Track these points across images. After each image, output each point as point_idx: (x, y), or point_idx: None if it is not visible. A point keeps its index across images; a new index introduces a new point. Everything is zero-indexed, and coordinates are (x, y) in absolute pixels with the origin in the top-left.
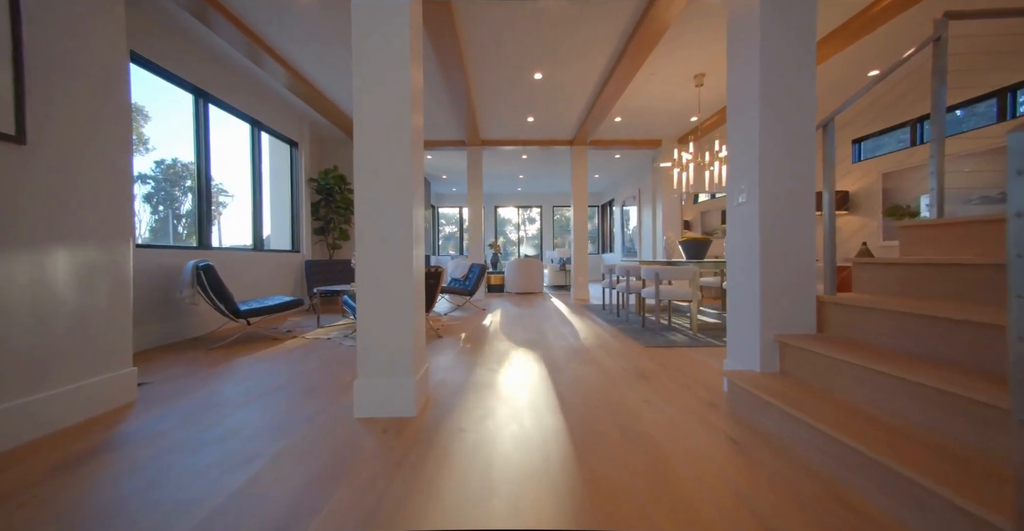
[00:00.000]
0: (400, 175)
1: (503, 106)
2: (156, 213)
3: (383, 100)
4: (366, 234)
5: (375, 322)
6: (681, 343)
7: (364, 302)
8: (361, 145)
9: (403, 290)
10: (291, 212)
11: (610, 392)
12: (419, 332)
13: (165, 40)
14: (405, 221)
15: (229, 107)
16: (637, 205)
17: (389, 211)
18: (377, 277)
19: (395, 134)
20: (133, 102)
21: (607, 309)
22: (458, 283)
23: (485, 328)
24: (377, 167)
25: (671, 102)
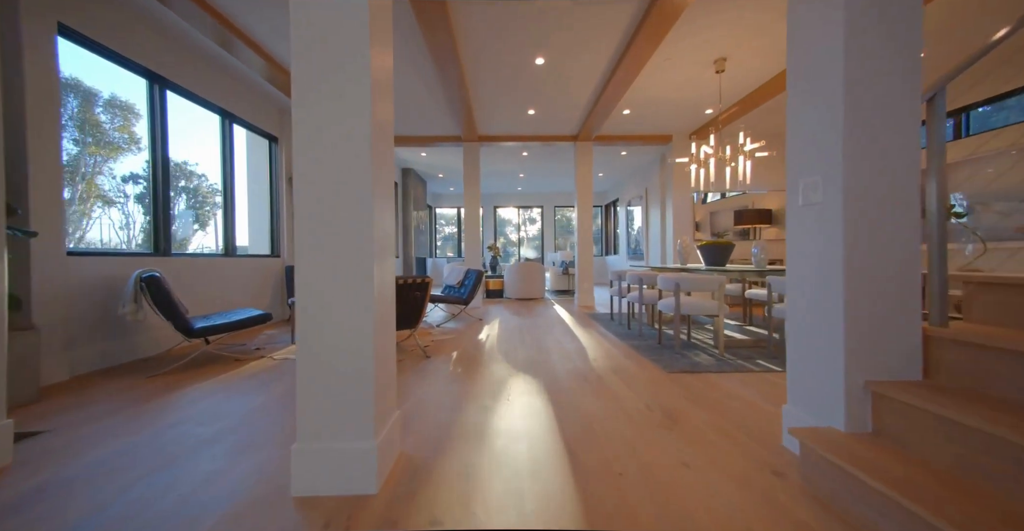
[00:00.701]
0: (357, 174)
1: (502, 97)
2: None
3: (335, 87)
4: (306, 249)
5: (319, 367)
6: (708, 366)
7: (304, 340)
8: (303, 140)
9: (359, 321)
10: (271, 213)
11: (635, 445)
12: (384, 375)
13: (107, 13)
14: (362, 230)
15: (193, 95)
16: (643, 205)
17: (341, 217)
18: (322, 304)
19: (349, 128)
20: (124, 99)
21: (616, 319)
22: (453, 291)
23: (480, 344)
24: (322, 162)
25: (686, 91)
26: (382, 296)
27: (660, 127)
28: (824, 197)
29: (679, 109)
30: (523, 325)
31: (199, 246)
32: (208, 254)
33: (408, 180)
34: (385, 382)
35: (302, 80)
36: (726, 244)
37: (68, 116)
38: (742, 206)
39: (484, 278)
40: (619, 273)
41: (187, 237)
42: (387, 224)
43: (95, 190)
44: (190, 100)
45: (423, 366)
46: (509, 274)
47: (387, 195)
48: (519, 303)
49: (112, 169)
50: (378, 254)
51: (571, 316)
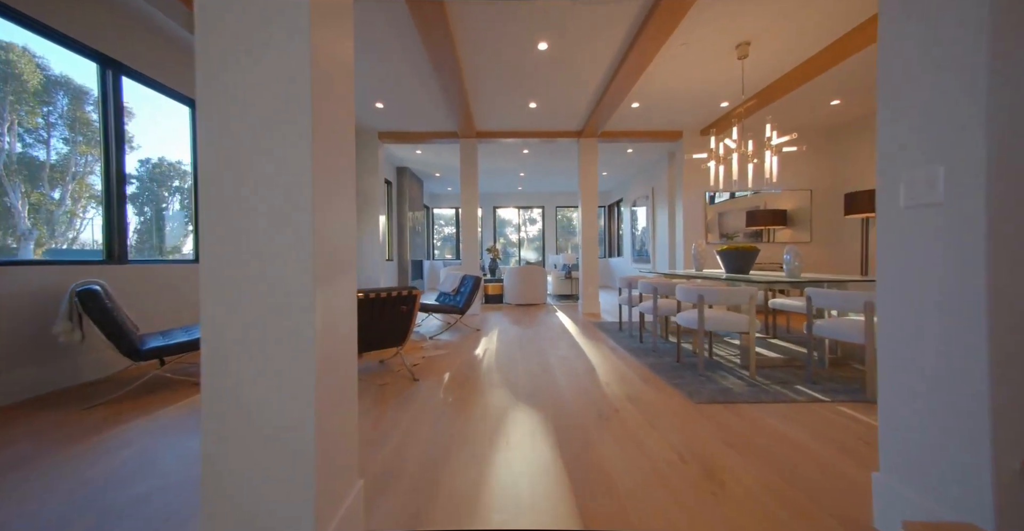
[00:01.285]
0: (288, 160)
1: (501, 88)
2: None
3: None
4: (211, 266)
5: (230, 431)
6: (741, 394)
7: (210, 389)
8: (207, 104)
9: (291, 365)
10: None
11: (674, 520)
12: (335, 438)
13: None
14: (296, 242)
15: (155, 83)
16: (650, 206)
17: (263, 224)
18: (236, 342)
19: (274, 71)
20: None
21: (625, 330)
22: (448, 299)
23: (476, 362)
24: (231, 137)
25: (701, 82)
26: (331, 328)
27: (670, 122)
28: (947, 196)
29: (692, 102)
30: (524, 337)
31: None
32: (174, 261)
33: (403, 179)
34: (337, 448)
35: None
36: (749, 249)
37: (58, 114)
38: (753, 206)
39: (482, 284)
40: (629, 280)
41: (178, 242)
42: (341, 230)
43: (86, 190)
44: (151, 88)
45: (410, 393)
46: (509, 278)
47: (342, 192)
48: (520, 310)
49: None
50: (323, 273)
51: (576, 326)
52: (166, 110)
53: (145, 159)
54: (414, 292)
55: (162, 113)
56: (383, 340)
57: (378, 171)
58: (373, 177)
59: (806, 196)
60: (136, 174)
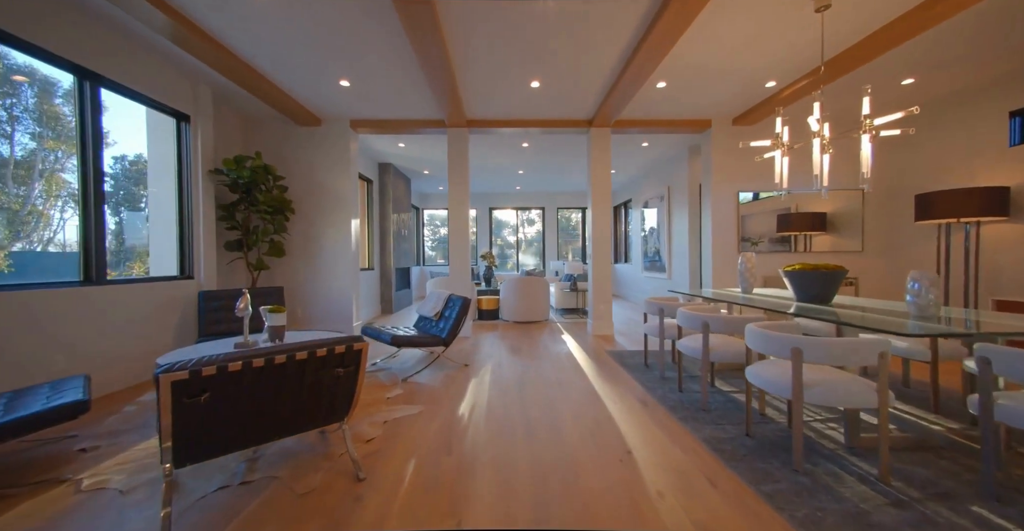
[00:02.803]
0: None
1: (496, 61)
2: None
3: None
4: None
5: None
6: (885, 523)
7: None
8: None
9: None
10: (179, 218)
11: None
12: None
13: None
14: None
15: (26, 44)
16: (665, 207)
17: None
18: None
19: None
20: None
21: (653, 366)
22: (428, 325)
23: (457, 432)
24: None
25: (750, 53)
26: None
27: (699, 109)
28: None
29: (732, 81)
30: (525, 379)
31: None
32: (64, 282)
33: (386, 177)
34: None
35: None
36: (834, 270)
37: (23, 107)
38: (783, 209)
39: (471, 304)
40: (659, 305)
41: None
42: None
43: (58, 188)
44: (21, 51)
45: (346, 508)
46: (507, 291)
47: None
48: (518, 329)
49: (75, 166)
50: None
51: (588, 358)
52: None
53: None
54: (357, 347)
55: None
56: (308, 418)
57: (350, 166)
58: (344, 173)
59: (854, 197)
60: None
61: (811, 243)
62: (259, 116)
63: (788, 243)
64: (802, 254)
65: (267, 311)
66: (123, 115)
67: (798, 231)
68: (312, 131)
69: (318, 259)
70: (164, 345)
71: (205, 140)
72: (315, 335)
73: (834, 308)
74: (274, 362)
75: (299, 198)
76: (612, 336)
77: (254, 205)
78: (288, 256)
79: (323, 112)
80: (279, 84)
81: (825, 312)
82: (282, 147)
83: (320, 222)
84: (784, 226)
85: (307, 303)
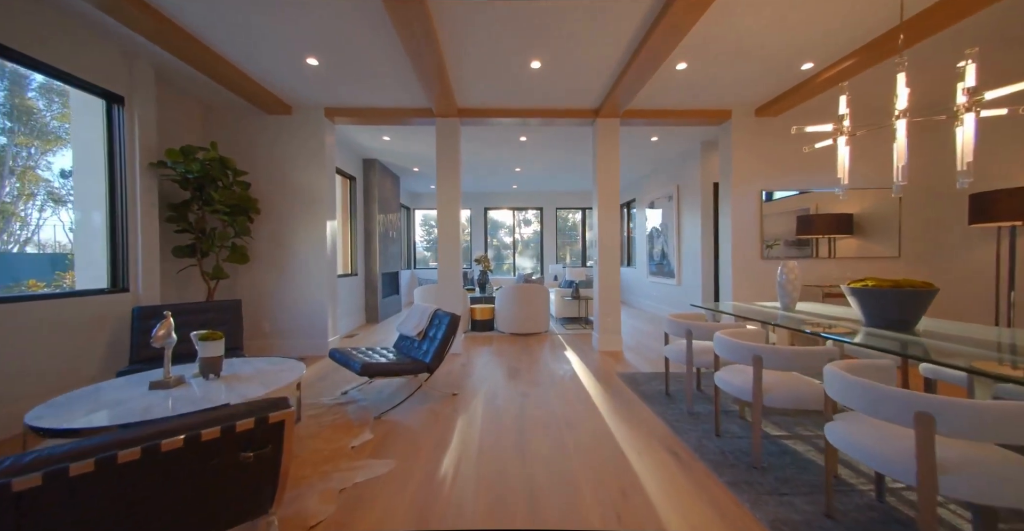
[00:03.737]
0: None
1: (490, 33)
2: None
3: None
4: None
5: None
6: None
7: None
8: None
9: None
10: (109, 219)
11: None
12: None
13: None
14: None
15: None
16: (674, 207)
17: None
18: None
19: None
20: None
21: (675, 395)
22: (410, 347)
23: (438, 506)
24: None
25: (783, 29)
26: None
27: (718, 97)
28: None
29: (762, 61)
30: (525, 415)
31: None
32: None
33: (371, 174)
34: None
35: None
36: (922, 288)
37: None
38: (802, 209)
39: (459, 322)
40: (686, 326)
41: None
42: None
43: (30, 186)
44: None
45: None
46: (503, 299)
47: None
48: (515, 344)
49: (51, 162)
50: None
51: (597, 383)
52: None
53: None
54: (273, 418)
55: None
56: (206, 522)
57: (326, 160)
58: (319, 168)
59: (885, 197)
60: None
61: (835, 248)
62: (221, 103)
63: (808, 247)
64: (825, 260)
65: (198, 339)
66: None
67: (821, 234)
68: (282, 120)
69: (288, 266)
70: (83, 376)
71: (145, 127)
72: (265, 363)
73: (921, 337)
74: (121, 461)
75: (266, 196)
76: (621, 352)
77: (209, 204)
78: (253, 262)
79: (293, 98)
80: (236, 63)
81: (898, 352)
82: (248, 138)
83: (291, 224)
84: (805, 228)
85: (275, 316)
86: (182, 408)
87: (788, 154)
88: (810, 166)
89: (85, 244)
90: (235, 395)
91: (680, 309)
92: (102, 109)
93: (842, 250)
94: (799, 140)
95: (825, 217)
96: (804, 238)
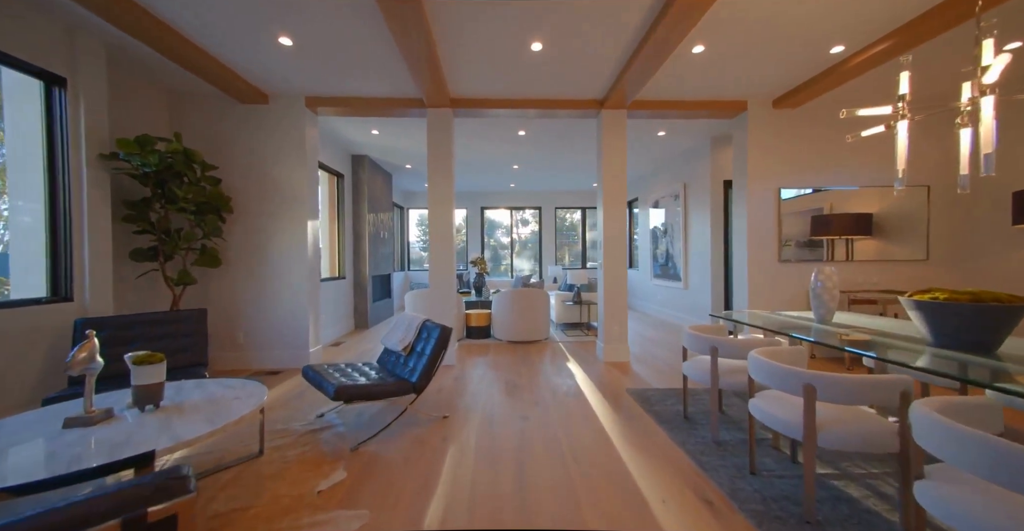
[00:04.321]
0: None
1: (487, 12)
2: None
3: None
4: None
5: None
6: None
7: None
8: None
9: None
10: (49, 218)
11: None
12: None
13: None
14: None
15: None
16: (681, 207)
17: None
18: None
19: None
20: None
21: (697, 422)
22: (395, 363)
23: None
24: None
25: (815, 6)
26: None
27: (734, 86)
28: None
29: (787, 44)
30: (524, 446)
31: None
32: None
33: (360, 171)
34: None
35: None
36: (1011, 304)
37: None
38: (815, 208)
39: (451, 334)
40: (710, 341)
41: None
42: None
43: None
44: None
45: None
46: (500, 305)
47: None
48: (514, 353)
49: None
50: None
51: (605, 402)
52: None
53: None
54: (151, 515)
55: None
56: None
57: (307, 155)
58: (299, 163)
59: (908, 195)
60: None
61: (853, 250)
62: (190, 91)
63: (820, 248)
64: (843, 263)
65: (132, 362)
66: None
67: (839, 235)
68: (257, 110)
69: (265, 269)
70: (7, 404)
71: (92, 113)
72: (220, 387)
73: (1005, 362)
74: None
75: (241, 194)
76: (628, 363)
77: (172, 202)
78: (226, 266)
79: (269, 85)
80: (195, 40)
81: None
82: (220, 130)
83: (268, 223)
84: (821, 228)
85: (250, 325)
86: (89, 459)
87: (809, 149)
88: (834, 161)
89: (22, 246)
90: (168, 436)
91: (687, 314)
92: (40, 91)
93: (862, 252)
94: (820, 133)
95: (843, 217)
96: (816, 239)
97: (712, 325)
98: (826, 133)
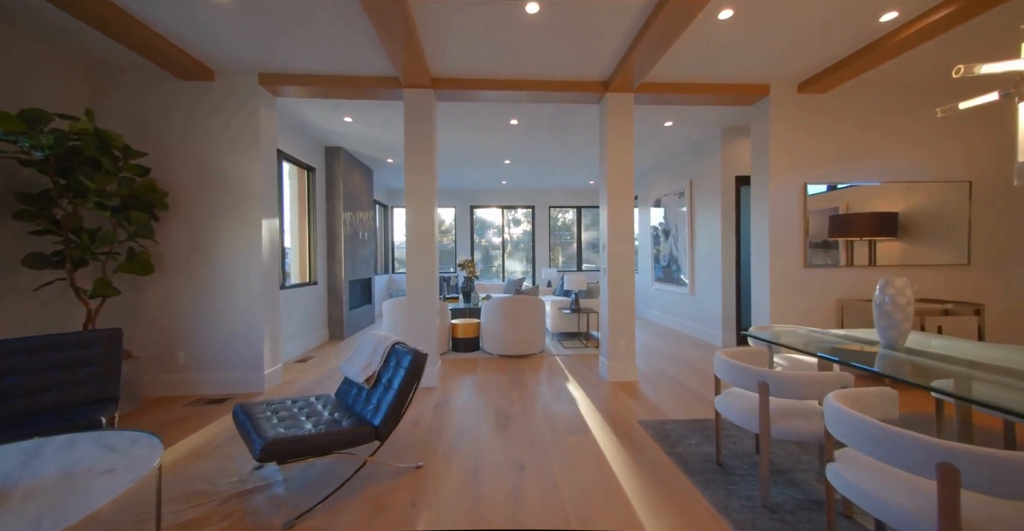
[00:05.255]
0: None
1: None
2: None
3: None
4: None
5: None
6: None
7: None
8: None
9: None
10: None
11: None
12: None
13: None
14: None
15: None
16: (687, 205)
17: None
18: None
19: None
20: None
21: (734, 471)
22: (354, 397)
23: None
24: None
25: None
26: None
27: (760, 67)
28: None
29: (832, 8)
30: (520, 504)
31: None
32: None
33: (335, 165)
34: None
35: None
36: None
37: None
38: (830, 207)
39: (424, 364)
40: (760, 376)
41: None
42: None
43: None
44: None
45: None
46: (490, 314)
47: None
48: (505, 371)
49: None
50: None
51: (616, 439)
52: None
53: None
54: None
55: None
56: None
57: (261, 141)
58: (251, 151)
59: (940, 192)
60: None
61: (876, 253)
62: (115, 63)
63: (835, 251)
64: (865, 268)
65: None
66: None
67: (860, 236)
68: (201, 88)
69: (209, 277)
70: None
71: None
72: (95, 449)
73: None
74: None
75: (180, 187)
76: (636, 383)
77: (82, 195)
78: (161, 274)
79: (213, 59)
80: (120, 3)
81: None
82: (153, 111)
83: (214, 223)
84: (841, 229)
85: (192, 343)
86: None
87: (840, 139)
88: (866, 152)
89: None
90: None
91: (694, 321)
92: None
93: (885, 255)
94: (856, 120)
95: (866, 216)
96: (831, 241)
97: (750, 349)
98: (862, 119)
